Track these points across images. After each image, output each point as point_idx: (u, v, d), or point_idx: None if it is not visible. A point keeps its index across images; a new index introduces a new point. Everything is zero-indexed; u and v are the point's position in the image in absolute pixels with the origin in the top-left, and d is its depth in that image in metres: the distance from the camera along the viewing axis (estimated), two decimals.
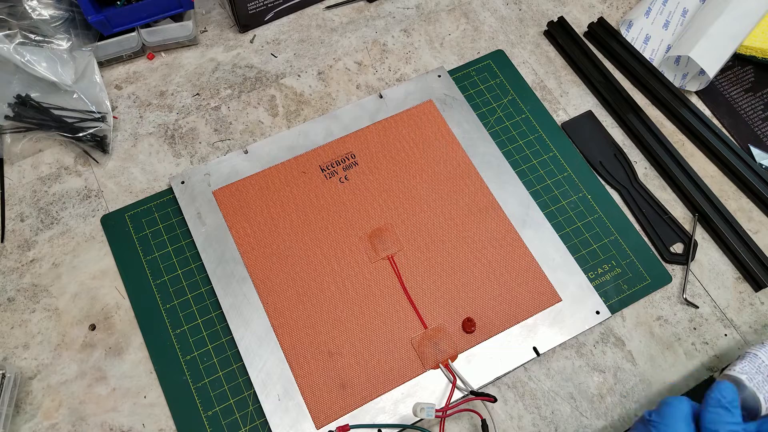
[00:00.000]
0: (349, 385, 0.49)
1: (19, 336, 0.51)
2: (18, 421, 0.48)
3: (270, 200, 0.56)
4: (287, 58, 0.65)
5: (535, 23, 0.68)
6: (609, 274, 0.54)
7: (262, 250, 0.53)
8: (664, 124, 0.62)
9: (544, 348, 0.51)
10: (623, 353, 0.51)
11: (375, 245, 0.54)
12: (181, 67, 0.63)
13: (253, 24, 0.66)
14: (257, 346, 0.50)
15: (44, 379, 0.49)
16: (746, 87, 0.64)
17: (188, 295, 0.52)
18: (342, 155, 0.58)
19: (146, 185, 0.57)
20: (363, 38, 0.66)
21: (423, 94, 0.61)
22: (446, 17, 0.68)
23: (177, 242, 0.54)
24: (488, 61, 0.64)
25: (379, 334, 0.50)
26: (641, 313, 0.53)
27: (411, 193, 0.56)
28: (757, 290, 0.54)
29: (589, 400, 0.50)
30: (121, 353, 0.50)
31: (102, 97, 0.59)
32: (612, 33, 0.66)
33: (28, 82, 0.58)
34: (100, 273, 0.53)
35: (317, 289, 0.52)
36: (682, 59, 0.63)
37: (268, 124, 0.61)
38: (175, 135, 0.60)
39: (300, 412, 0.48)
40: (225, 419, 0.48)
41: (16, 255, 0.54)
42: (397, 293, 0.52)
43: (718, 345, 0.52)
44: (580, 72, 0.64)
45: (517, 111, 0.62)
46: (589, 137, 0.61)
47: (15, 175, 0.57)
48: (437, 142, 0.59)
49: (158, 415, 0.48)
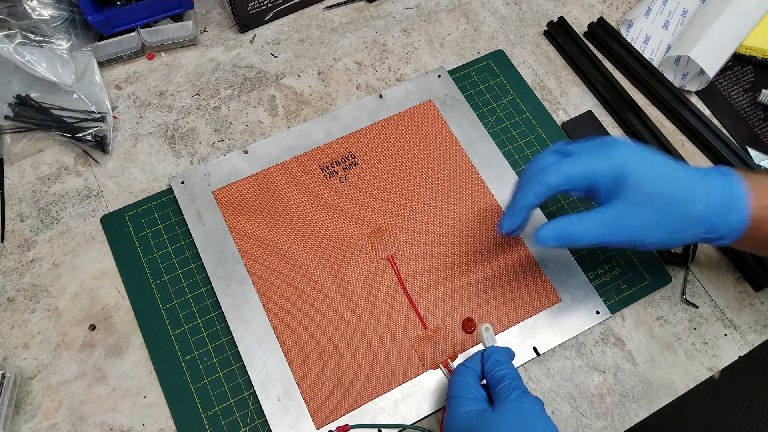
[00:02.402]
0: (349, 385, 0.49)
1: (19, 336, 0.51)
2: (18, 421, 0.48)
3: (270, 200, 0.56)
4: (287, 58, 0.65)
5: (535, 23, 0.68)
6: (609, 274, 0.54)
7: (262, 250, 0.53)
8: (664, 124, 0.62)
9: (544, 348, 0.51)
10: (623, 353, 0.51)
11: (375, 245, 0.54)
12: (181, 67, 0.63)
13: (253, 24, 0.66)
14: (257, 346, 0.50)
15: (44, 379, 0.49)
16: (746, 87, 0.64)
17: (188, 295, 0.52)
18: (342, 155, 0.58)
19: (146, 185, 0.57)
20: (363, 38, 0.66)
21: (423, 94, 0.62)
22: (446, 17, 0.68)
23: (177, 242, 0.54)
24: (488, 61, 0.64)
25: (379, 334, 0.50)
26: (641, 313, 0.53)
27: (411, 193, 0.56)
28: (757, 290, 0.54)
29: (589, 400, 0.50)
30: (121, 353, 0.50)
31: (102, 97, 0.59)
32: (612, 33, 0.66)
33: (28, 82, 0.58)
34: (100, 273, 0.53)
35: (317, 289, 0.52)
36: (682, 59, 0.63)
37: (268, 124, 0.61)
38: (175, 135, 0.60)
39: (300, 412, 0.48)
40: (225, 419, 0.48)
41: (16, 255, 0.54)
42: (397, 293, 0.52)
43: (718, 345, 0.52)
44: (580, 72, 0.64)
45: (517, 111, 0.62)
46: (589, 137, 0.61)
47: (15, 175, 0.57)
48: (437, 142, 0.59)
49: (158, 415, 0.48)
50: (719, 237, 0.42)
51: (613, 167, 0.41)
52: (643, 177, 0.41)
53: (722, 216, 0.41)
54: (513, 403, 0.40)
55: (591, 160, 0.42)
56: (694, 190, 0.41)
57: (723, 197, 0.41)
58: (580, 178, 0.42)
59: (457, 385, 0.43)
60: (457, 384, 0.43)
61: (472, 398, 0.42)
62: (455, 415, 0.41)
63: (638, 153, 0.42)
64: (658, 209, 0.41)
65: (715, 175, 0.42)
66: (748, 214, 0.41)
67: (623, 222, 0.41)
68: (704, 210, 0.41)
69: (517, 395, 0.40)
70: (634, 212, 0.41)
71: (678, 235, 0.42)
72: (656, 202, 0.41)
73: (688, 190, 0.41)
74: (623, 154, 0.41)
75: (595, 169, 0.41)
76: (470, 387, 0.43)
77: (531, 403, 0.40)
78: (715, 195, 0.41)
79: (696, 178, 0.41)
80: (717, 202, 0.41)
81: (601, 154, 0.42)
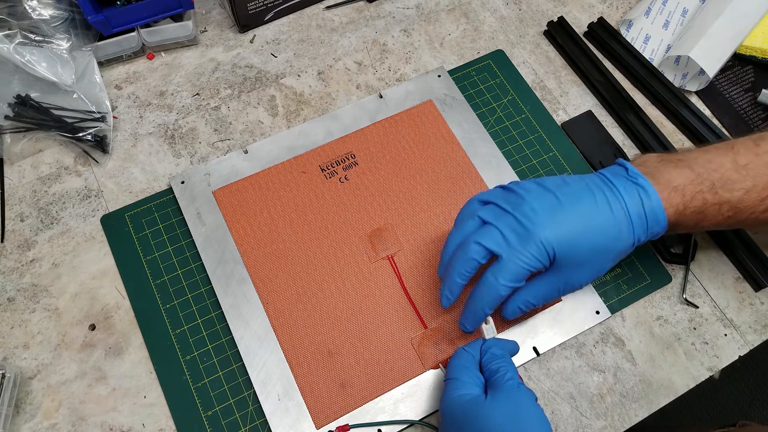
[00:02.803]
0: (349, 385, 0.49)
1: (19, 336, 0.51)
2: (18, 421, 0.48)
3: (270, 200, 0.56)
4: (287, 58, 0.65)
5: (535, 23, 0.68)
6: (609, 274, 0.54)
7: (262, 250, 0.53)
8: (664, 124, 0.62)
9: (544, 348, 0.51)
10: (623, 353, 0.51)
11: (375, 245, 0.54)
12: (181, 67, 0.63)
13: (253, 24, 0.66)
14: (257, 346, 0.50)
15: (44, 379, 0.49)
16: (746, 87, 0.64)
17: (188, 295, 0.52)
18: (342, 155, 0.58)
19: (146, 185, 0.57)
20: (363, 38, 0.66)
21: (423, 94, 0.62)
22: (446, 17, 0.68)
23: (177, 242, 0.54)
24: (488, 61, 0.64)
25: (379, 334, 0.50)
26: (641, 313, 0.53)
27: (411, 193, 0.56)
28: (757, 290, 0.54)
29: (589, 400, 0.50)
30: (121, 353, 0.50)
31: (102, 97, 0.59)
32: (612, 33, 0.66)
33: (28, 82, 0.58)
34: (100, 273, 0.53)
35: (317, 289, 0.52)
36: (682, 59, 0.63)
37: (268, 124, 0.61)
38: (175, 135, 0.60)
39: (300, 412, 0.48)
40: (225, 419, 0.48)
41: (16, 255, 0.54)
42: (397, 293, 0.52)
43: (718, 345, 0.52)
44: (580, 72, 0.64)
45: (517, 111, 0.62)
46: (589, 137, 0.61)
47: (15, 175, 0.57)
48: (437, 142, 0.59)
49: (158, 415, 0.48)
50: (647, 241, 0.46)
51: (542, 257, 0.42)
52: (573, 256, 0.43)
53: (647, 233, 0.44)
54: (506, 393, 0.41)
55: (518, 254, 0.42)
56: (620, 230, 0.43)
57: (644, 221, 0.44)
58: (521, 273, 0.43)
59: (456, 367, 0.44)
60: (455, 367, 0.44)
61: (469, 382, 0.43)
62: (450, 396, 0.42)
63: (557, 228, 0.42)
64: (595, 263, 0.44)
65: (632, 193, 0.44)
66: (667, 222, 0.44)
67: (570, 282, 0.44)
68: (632, 239, 0.44)
69: (510, 386, 0.41)
70: (576, 273, 0.44)
71: (613, 262, 0.45)
72: (592, 260, 0.44)
73: (616, 237, 0.43)
74: (545, 235, 0.42)
75: (530, 264, 0.43)
76: (467, 371, 0.44)
77: (523, 395, 0.41)
78: (639, 224, 0.43)
79: (618, 214, 0.43)
80: (641, 231, 0.44)
81: (525, 242, 0.42)
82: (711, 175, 0.44)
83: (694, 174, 0.44)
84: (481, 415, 0.40)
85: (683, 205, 0.44)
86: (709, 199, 0.44)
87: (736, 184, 0.44)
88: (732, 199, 0.44)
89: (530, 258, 0.42)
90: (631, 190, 0.44)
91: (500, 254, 0.43)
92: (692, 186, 0.44)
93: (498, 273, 0.43)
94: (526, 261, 0.42)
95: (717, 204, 0.44)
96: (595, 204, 0.43)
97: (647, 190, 0.43)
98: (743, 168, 0.44)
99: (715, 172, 0.44)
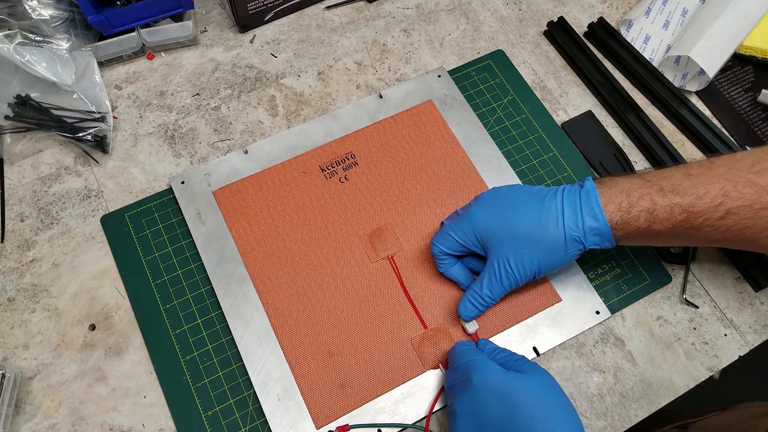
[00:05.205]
0: (349, 385, 0.49)
1: (19, 336, 0.51)
2: (18, 421, 0.48)
3: (270, 200, 0.56)
4: (287, 58, 0.65)
5: (535, 23, 0.68)
6: (609, 274, 0.54)
7: (262, 250, 0.53)
8: (664, 124, 0.62)
9: (544, 348, 0.51)
10: (623, 353, 0.51)
11: (375, 245, 0.54)
12: (181, 67, 0.63)
13: (253, 24, 0.66)
14: (257, 346, 0.50)
15: (44, 379, 0.49)
16: (746, 87, 0.64)
17: (188, 295, 0.52)
18: (342, 155, 0.58)
19: (146, 185, 0.57)
20: (363, 38, 0.66)
21: (423, 94, 0.61)
22: (446, 17, 0.68)
23: (177, 242, 0.54)
24: (488, 61, 0.64)
25: (379, 334, 0.50)
26: (641, 313, 0.53)
27: (411, 193, 0.56)
28: (757, 290, 0.54)
29: (589, 400, 0.50)
30: (121, 353, 0.50)
31: (102, 97, 0.59)
32: (612, 33, 0.66)
33: (28, 82, 0.58)
34: (100, 273, 0.53)
35: (317, 289, 0.52)
36: (682, 59, 0.63)
37: (268, 124, 0.61)
38: (175, 135, 0.60)
39: (300, 412, 0.48)
40: (225, 419, 0.48)
41: (16, 255, 0.54)
42: (397, 293, 0.52)
43: (718, 345, 0.52)
44: (580, 72, 0.64)
45: (517, 111, 0.62)
46: (589, 137, 0.61)
47: (15, 175, 0.57)
48: (437, 142, 0.59)
49: (158, 415, 0.48)
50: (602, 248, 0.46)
51: (467, 228, 0.47)
52: (496, 235, 0.46)
53: (584, 229, 0.45)
54: (533, 372, 0.43)
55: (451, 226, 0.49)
56: (546, 218, 0.45)
57: (579, 214, 0.45)
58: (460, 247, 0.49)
59: (472, 351, 0.46)
60: (470, 351, 0.46)
61: (492, 361, 0.44)
62: (488, 370, 0.43)
63: (485, 206, 0.48)
64: (524, 248, 0.46)
65: (571, 189, 0.46)
66: (607, 221, 0.44)
67: (505, 267, 0.46)
68: (562, 230, 0.45)
69: (533, 365, 0.43)
70: (506, 257, 0.46)
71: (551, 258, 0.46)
72: (520, 243, 0.46)
73: (542, 224, 0.45)
74: (473, 210, 0.48)
75: (456, 232, 0.48)
76: (481, 353, 0.46)
77: (547, 373, 0.43)
78: (570, 216, 0.45)
79: (549, 203, 0.46)
80: (572, 224, 0.45)
81: (461, 218, 0.48)
82: (660, 181, 0.44)
83: (642, 180, 0.45)
84: (519, 387, 0.41)
85: (628, 204, 0.44)
86: (658, 200, 0.44)
87: (688, 189, 0.43)
88: (683, 202, 0.43)
89: (458, 227, 0.48)
90: (572, 188, 0.46)
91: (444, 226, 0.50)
92: (640, 189, 0.44)
93: (434, 239, 0.50)
94: (453, 228, 0.48)
95: (668, 206, 0.43)
96: (529, 192, 0.47)
97: (586, 186, 0.46)
98: (695, 177, 0.44)
99: (666, 179, 0.44)
